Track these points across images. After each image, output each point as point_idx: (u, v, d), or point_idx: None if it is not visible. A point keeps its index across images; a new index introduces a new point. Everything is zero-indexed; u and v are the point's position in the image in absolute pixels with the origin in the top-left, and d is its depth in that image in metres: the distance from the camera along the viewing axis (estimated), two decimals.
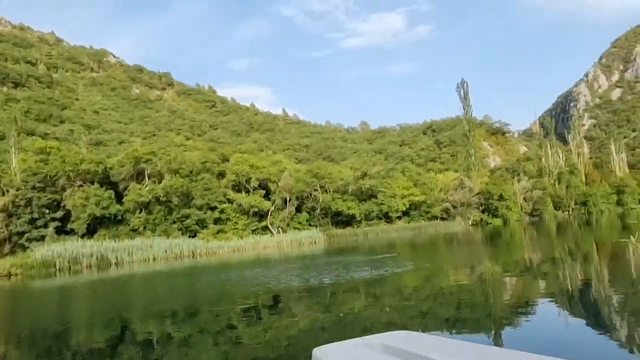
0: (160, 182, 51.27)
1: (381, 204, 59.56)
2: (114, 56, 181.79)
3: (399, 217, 61.51)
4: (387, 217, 60.75)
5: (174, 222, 51.19)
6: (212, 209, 53.96)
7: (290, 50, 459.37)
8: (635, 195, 72.97)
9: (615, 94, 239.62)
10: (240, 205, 54.67)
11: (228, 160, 59.17)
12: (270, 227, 54.77)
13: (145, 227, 49.47)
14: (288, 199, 56.18)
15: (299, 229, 55.82)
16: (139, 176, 53.23)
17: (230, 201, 55.18)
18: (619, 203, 72.82)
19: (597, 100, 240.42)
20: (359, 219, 58.39)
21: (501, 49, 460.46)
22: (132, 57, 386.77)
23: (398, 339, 3.21)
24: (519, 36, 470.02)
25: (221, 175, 58.96)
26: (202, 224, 52.68)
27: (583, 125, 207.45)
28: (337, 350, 3.11)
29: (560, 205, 70.10)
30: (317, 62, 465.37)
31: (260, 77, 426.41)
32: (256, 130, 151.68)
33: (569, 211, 70.61)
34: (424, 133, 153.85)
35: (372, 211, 59.15)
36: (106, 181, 51.68)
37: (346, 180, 60.31)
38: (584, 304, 9.11)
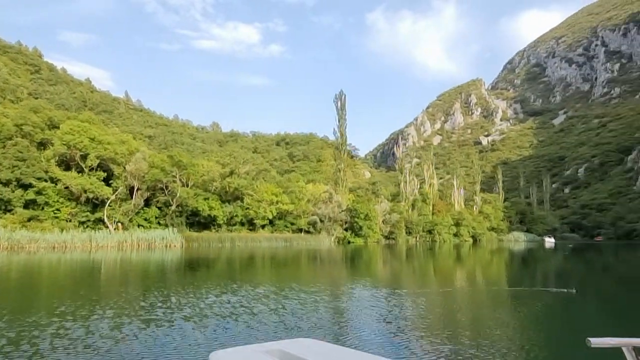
0: None
1: (247, 208, 52.15)
2: None
3: (263, 226, 54.84)
4: (251, 224, 53.48)
5: None
6: (25, 187, 39.53)
7: (135, 37, 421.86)
8: (469, 228, 79.96)
9: (436, 139, 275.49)
10: (67, 187, 41.29)
11: (58, 128, 44.83)
12: (106, 220, 42.54)
13: None
14: (136, 188, 44.78)
15: (144, 226, 44.80)
16: None
17: (53, 180, 41.34)
18: (456, 234, 78.76)
19: (422, 143, 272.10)
20: (220, 222, 49.85)
21: (345, 82, 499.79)
22: None
23: (298, 346, 3.21)
24: (363, 74, 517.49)
25: (44, 145, 44.42)
26: (5, 205, 37.93)
27: (409, 162, 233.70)
28: (234, 355, 3.03)
29: (412, 230, 72.36)
30: (165, 55, 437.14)
31: (98, 58, 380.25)
32: (90, 110, 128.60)
33: (417, 237, 73.39)
34: (278, 144, 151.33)
35: (236, 215, 51.28)
36: None
37: (211, 176, 51.33)
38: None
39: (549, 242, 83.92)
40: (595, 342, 2.26)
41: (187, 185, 49.02)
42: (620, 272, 27.32)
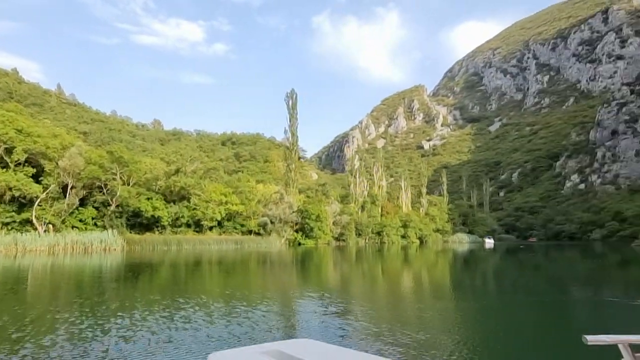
0: None
1: (194, 209, 49.24)
2: None
3: (211, 227, 52.12)
4: (197, 226, 50.59)
5: None
6: None
7: (69, 28, 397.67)
8: (416, 230, 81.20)
9: (380, 143, 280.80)
10: None
11: None
12: (35, 221, 38.27)
13: None
14: (70, 186, 40.74)
15: (79, 228, 40.87)
16: None
17: None
18: (403, 236, 79.68)
19: (367, 146, 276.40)
20: (164, 223, 46.61)
21: (291, 83, 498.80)
22: None
23: (296, 347, 3.19)
24: (308, 76, 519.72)
25: None
26: None
27: (355, 164, 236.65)
28: (233, 357, 3.03)
29: (361, 232, 72.22)
30: (103, 49, 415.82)
31: (26, 49, 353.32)
32: (18, 102, 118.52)
33: (366, 239, 73.36)
34: (223, 144, 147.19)
35: (182, 216, 48.23)
36: None
37: (154, 174, 47.96)
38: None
39: (489, 243, 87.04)
40: (592, 339, 2.23)
41: (129, 184, 45.44)
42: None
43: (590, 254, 48.66)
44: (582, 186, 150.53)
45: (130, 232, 44.50)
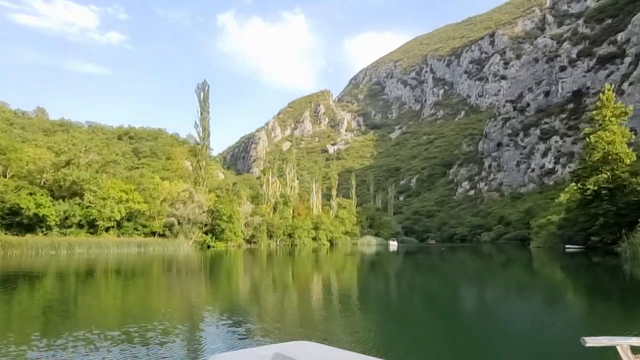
0: None
1: (88, 207, 42.84)
2: None
3: (108, 229, 45.91)
4: (92, 226, 44.14)
5: None
6: None
7: None
8: (327, 232, 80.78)
9: (286, 145, 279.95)
10: None
11: None
12: None
13: None
14: None
15: None
16: None
17: None
18: (314, 238, 78.73)
19: (273, 147, 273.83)
20: (51, 223, 39.72)
21: (194, 80, 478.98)
22: None
23: (295, 349, 3.19)
24: (212, 74, 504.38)
25: None
26: None
27: (258, 167, 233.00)
28: (234, 359, 3.13)
29: (273, 234, 69.75)
30: None
31: None
32: None
33: (277, 241, 71.05)
34: (120, 138, 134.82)
35: (73, 215, 41.61)
36: None
37: (39, 166, 40.78)
38: None
39: (393, 245, 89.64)
40: (591, 341, 2.23)
41: (5, 176, 38.04)
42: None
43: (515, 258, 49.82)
44: (471, 192, 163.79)
45: (6, 234, 37.23)
